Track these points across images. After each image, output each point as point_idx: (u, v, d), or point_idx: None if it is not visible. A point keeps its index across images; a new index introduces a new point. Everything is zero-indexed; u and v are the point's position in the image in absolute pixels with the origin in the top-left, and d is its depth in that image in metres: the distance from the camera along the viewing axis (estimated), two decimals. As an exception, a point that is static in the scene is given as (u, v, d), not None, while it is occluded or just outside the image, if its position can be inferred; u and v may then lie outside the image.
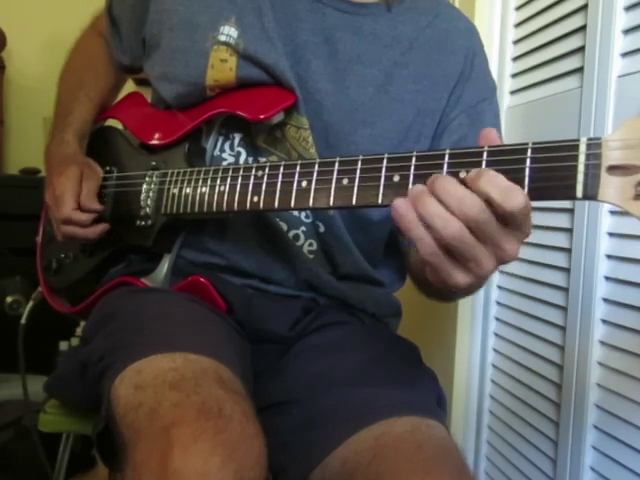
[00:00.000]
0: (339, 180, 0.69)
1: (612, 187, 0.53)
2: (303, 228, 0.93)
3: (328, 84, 0.90)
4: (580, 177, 0.54)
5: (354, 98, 0.91)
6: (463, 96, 0.95)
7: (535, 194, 0.56)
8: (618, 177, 0.53)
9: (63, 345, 1.83)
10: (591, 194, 0.53)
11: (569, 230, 1.11)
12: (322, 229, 0.92)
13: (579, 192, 0.54)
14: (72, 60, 1.15)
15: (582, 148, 0.54)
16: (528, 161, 0.56)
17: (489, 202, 0.55)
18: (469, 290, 0.67)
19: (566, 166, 0.54)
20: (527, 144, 0.57)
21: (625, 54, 0.99)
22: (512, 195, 0.54)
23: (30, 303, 1.20)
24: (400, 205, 0.58)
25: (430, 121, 0.94)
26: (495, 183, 0.55)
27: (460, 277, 0.59)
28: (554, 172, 0.55)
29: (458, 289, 0.60)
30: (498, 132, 0.97)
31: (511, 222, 0.56)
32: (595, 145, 0.53)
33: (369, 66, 0.92)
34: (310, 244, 0.93)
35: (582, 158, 0.54)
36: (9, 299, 1.72)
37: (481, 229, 0.56)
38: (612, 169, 0.53)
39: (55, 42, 2.15)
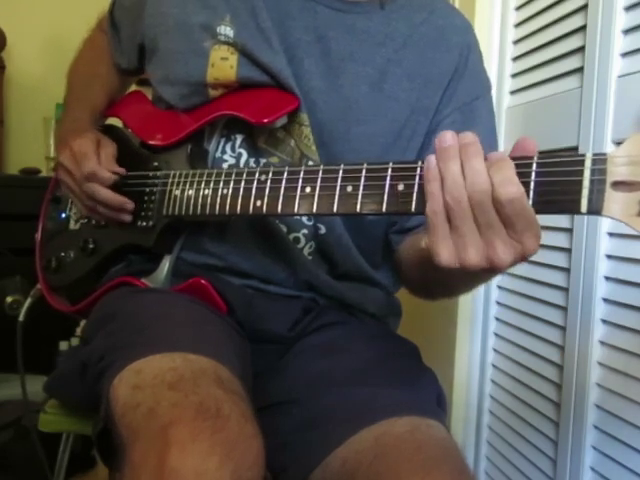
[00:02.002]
0: (343, 187, 0.69)
1: (616, 203, 0.53)
2: (304, 231, 0.93)
3: (321, 82, 0.90)
4: (585, 192, 0.54)
5: (347, 96, 0.90)
6: (457, 93, 0.94)
7: (540, 207, 0.57)
8: (622, 193, 0.53)
9: (63, 345, 1.83)
10: (595, 209, 0.54)
11: (569, 230, 1.11)
12: (323, 231, 0.92)
13: (584, 207, 0.54)
14: (83, 53, 1.16)
15: (587, 163, 0.54)
16: (533, 175, 0.57)
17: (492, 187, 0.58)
18: (451, 286, 0.80)
19: (571, 181, 0.55)
20: (532, 158, 0.57)
21: (625, 54, 0.99)
22: (507, 185, 0.56)
23: (28, 300, 1.19)
24: (430, 160, 0.61)
25: (424, 118, 0.93)
26: (502, 171, 0.57)
27: (445, 251, 0.61)
28: (559, 186, 0.56)
29: (440, 268, 0.61)
30: (492, 129, 0.97)
31: (504, 214, 0.57)
32: (600, 160, 0.54)
33: (362, 64, 0.91)
34: (310, 246, 0.93)
35: (587, 173, 0.54)
36: (9, 299, 1.72)
37: (481, 209, 0.58)
38: (617, 185, 0.53)
39: (55, 42, 2.15)
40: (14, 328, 1.22)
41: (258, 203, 0.77)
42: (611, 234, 1.02)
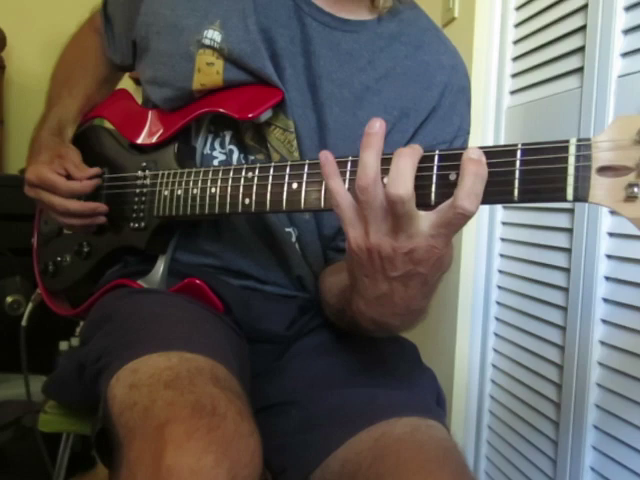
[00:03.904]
0: None
1: (602, 189, 0.52)
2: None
3: (298, 96, 0.88)
4: (570, 179, 0.53)
5: (319, 115, 0.88)
6: (425, 132, 0.90)
7: (525, 196, 0.56)
8: (608, 178, 0.52)
9: (63, 345, 1.83)
10: (581, 196, 0.53)
11: (569, 230, 1.11)
12: (296, 234, 0.91)
13: (569, 194, 0.53)
14: (64, 55, 1.15)
15: (572, 150, 0.53)
16: (518, 163, 0.56)
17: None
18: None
19: (556, 168, 0.54)
20: (517, 145, 0.56)
21: (625, 54, 0.99)
22: (397, 182, 0.57)
23: (30, 305, 1.19)
24: (324, 153, 0.63)
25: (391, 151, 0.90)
26: (397, 163, 0.58)
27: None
28: (544, 174, 0.54)
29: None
30: None
31: (392, 212, 0.58)
32: (585, 146, 0.53)
33: (339, 86, 0.89)
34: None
35: (572, 160, 0.53)
36: (9, 299, 1.72)
37: (367, 202, 0.59)
38: (602, 170, 0.52)
39: (55, 42, 2.14)
40: (14, 328, 1.23)
41: (247, 201, 0.77)
42: (611, 234, 1.02)
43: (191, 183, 0.84)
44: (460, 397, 1.45)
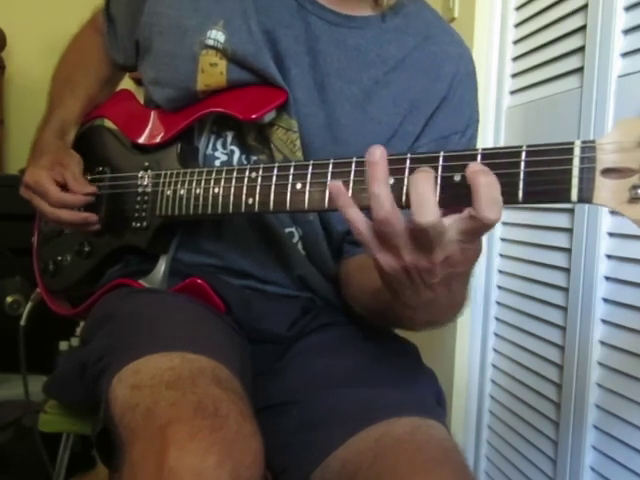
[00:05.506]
0: None
1: (606, 190, 0.52)
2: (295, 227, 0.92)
3: (305, 95, 0.88)
4: (575, 181, 0.53)
5: (329, 113, 0.88)
6: (436, 124, 0.90)
7: (530, 198, 0.56)
8: (612, 180, 0.52)
9: (63, 345, 1.83)
10: (586, 197, 0.53)
11: (569, 230, 1.11)
12: (300, 233, 0.92)
13: (574, 196, 0.54)
14: (66, 55, 1.15)
15: (576, 151, 0.53)
16: (522, 165, 0.56)
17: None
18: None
19: (561, 170, 0.54)
20: (521, 147, 0.56)
21: (625, 54, 0.99)
22: (423, 210, 0.55)
23: (29, 304, 1.19)
24: (334, 185, 0.60)
25: (402, 144, 0.89)
26: (417, 190, 0.55)
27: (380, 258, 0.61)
28: (549, 176, 0.55)
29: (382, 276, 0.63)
30: None
31: (423, 235, 0.56)
32: (589, 148, 0.53)
33: (348, 82, 0.89)
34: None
35: (576, 161, 0.53)
36: (9, 299, 1.72)
37: (392, 232, 0.57)
38: (606, 172, 0.52)
39: (55, 42, 2.14)
40: (14, 328, 1.23)
41: (250, 201, 0.77)
42: (611, 234, 1.02)
43: (194, 183, 0.84)
44: (460, 397, 1.46)
